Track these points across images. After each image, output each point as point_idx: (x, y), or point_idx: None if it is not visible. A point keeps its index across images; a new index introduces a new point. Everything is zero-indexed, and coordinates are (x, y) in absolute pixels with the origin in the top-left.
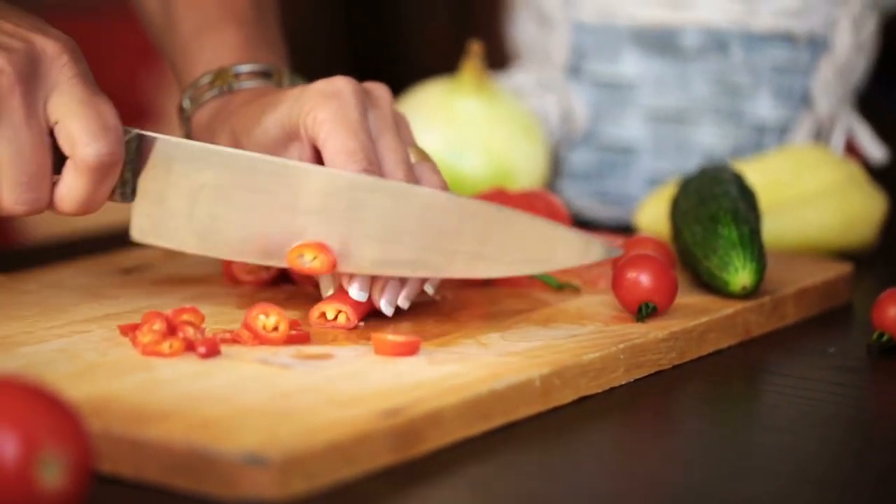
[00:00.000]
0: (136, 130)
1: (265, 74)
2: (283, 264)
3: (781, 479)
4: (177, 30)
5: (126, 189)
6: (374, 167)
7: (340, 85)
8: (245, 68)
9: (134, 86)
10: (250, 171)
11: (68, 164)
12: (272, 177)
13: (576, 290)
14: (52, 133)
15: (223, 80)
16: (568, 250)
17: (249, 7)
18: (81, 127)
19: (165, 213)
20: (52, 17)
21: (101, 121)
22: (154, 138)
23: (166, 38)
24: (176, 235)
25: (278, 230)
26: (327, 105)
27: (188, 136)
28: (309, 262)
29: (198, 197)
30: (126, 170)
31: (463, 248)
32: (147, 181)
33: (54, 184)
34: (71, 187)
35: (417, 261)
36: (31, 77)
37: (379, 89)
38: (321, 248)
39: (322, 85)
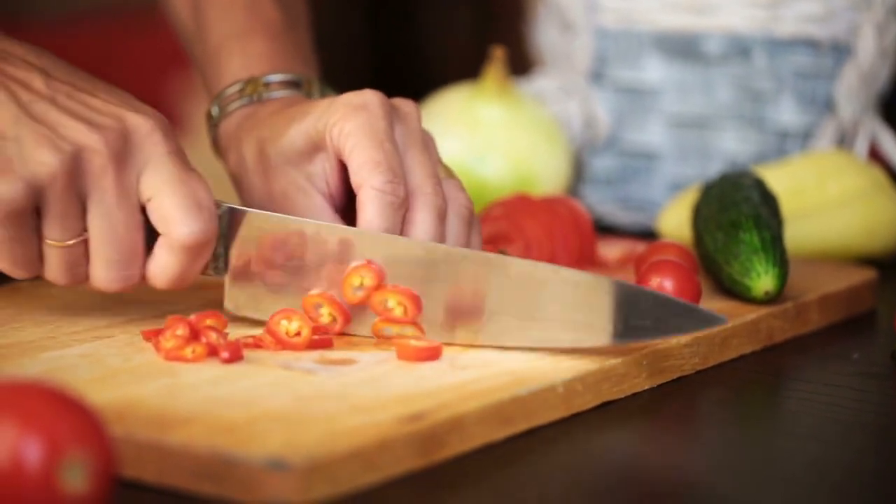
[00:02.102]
0: (227, 204)
1: (295, 84)
2: (370, 333)
3: (804, 486)
4: (207, 37)
5: (219, 263)
6: (398, 179)
7: (368, 97)
8: (275, 78)
9: (159, 93)
10: (329, 242)
11: (161, 241)
12: (358, 247)
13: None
14: (143, 210)
15: (253, 89)
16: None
17: (280, 16)
18: (175, 206)
19: (259, 286)
20: (76, 24)
21: (195, 199)
22: (245, 212)
23: (196, 46)
24: (271, 308)
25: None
26: (354, 117)
27: (214, 143)
28: (360, 291)
29: (289, 269)
30: (219, 244)
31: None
32: (238, 254)
33: (146, 258)
34: (164, 265)
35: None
36: (123, 155)
37: (407, 105)
38: (368, 266)
39: (350, 97)
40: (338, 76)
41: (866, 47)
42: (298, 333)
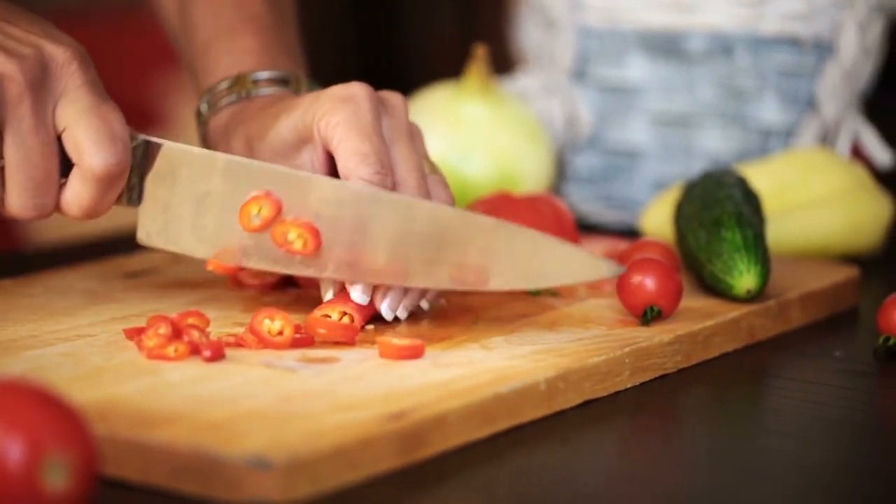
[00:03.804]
0: (143, 136)
1: (283, 81)
2: (292, 272)
3: (787, 484)
4: (195, 35)
5: (133, 194)
6: (386, 171)
7: (356, 90)
8: (263, 75)
9: (141, 90)
10: (255, 180)
11: (75, 170)
12: (277, 185)
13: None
14: (59, 139)
15: (241, 86)
16: (574, 267)
17: (268, 13)
18: (89, 136)
19: (172, 218)
20: (61, 21)
21: (109, 129)
22: (160, 144)
23: (184, 43)
24: (182, 240)
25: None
26: (342, 109)
27: (204, 139)
28: (257, 217)
29: (203, 203)
30: (133, 175)
31: (468, 262)
32: (154, 186)
33: (61, 187)
34: (77, 194)
35: (422, 272)
36: (40, 84)
37: (394, 98)
38: (267, 196)
39: (337, 90)
40: (321, 75)
41: (849, 45)
42: (281, 333)
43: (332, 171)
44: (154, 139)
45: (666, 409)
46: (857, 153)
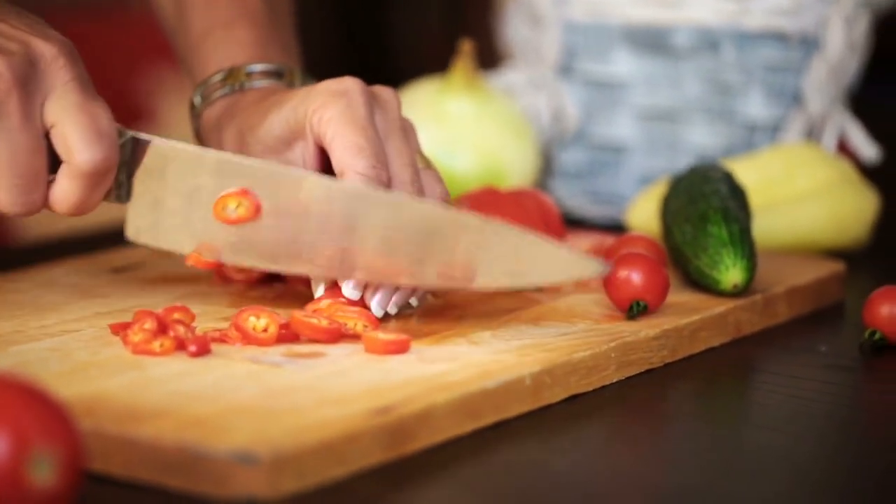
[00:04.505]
0: (131, 133)
1: (277, 74)
2: (278, 269)
3: (773, 478)
4: (189, 28)
5: (121, 191)
6: (381, 164)
7: (349, 85)
8: (257, 67)
9: (130, 87)
10: (244, 177)
11: (63, 167)
12: (266, 182)
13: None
14: (47, 135)
15: (235, 78)
16: (561, 265)
17: (263, 8)
18: (76, 132)
19: (160, 215)
20: (49, 17)
21: (96, 126)
22: (148, 141)
23: (179, 36)
24: (171, 237)
25: (272, 235)
26: (335, 104)
27: (197, 132)
28: (234, 212)
29: (192, 199)
30: (121, 171)
31: (456, 260)
32: (142, 183)
33: (49, 183)
34: (65, 190)
35: (411, 271)
36: (27, 80)
37: (387, 93)
38: (244, 194)
39: (330, 84)
40: (308, 70)
41: (834, 40)
42: (265, 330)
43: (325, 166)
44: (142, 136)
45: (652, 404)
46: (843, 148)
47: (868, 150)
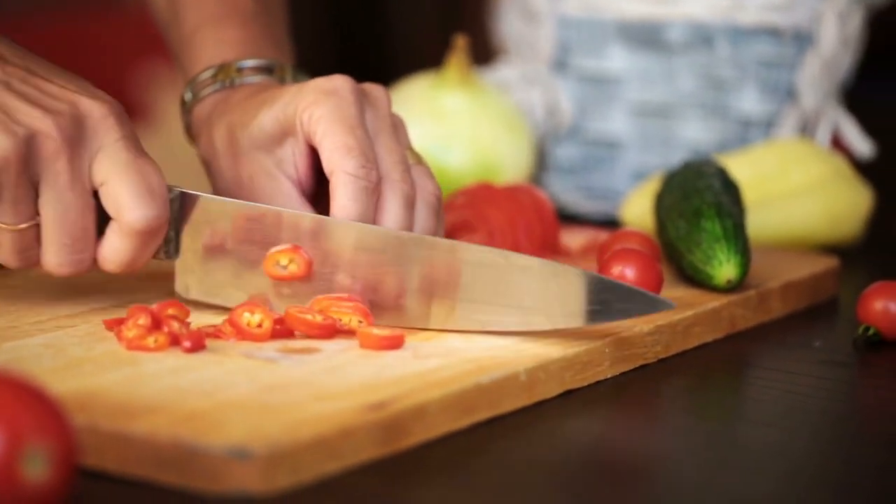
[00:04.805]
0: (179, 189)
1: (268, 70)
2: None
3: (767, 473)
4: (182, 23)
5: (170, 247)
6: (370, 164)
7: (339, 83)
8: (248, 63)
9: (125, 82)
10: (285, 228)
11: (113, 225)
12: (312, 234)
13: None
14: (96, 194)
15: (226, 74)
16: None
17: (255, 4)
18: (127, 191)
19: (210, 270)
20: (44, 13)
21: (147, 184)
22: (197, 196)
23: (172, 31)
24: (221, 291)
25: (323, 288)
26: (325, 102)
27: (188, 128)
28: (285, 270)
29: (242, 255)
30: (170, 228)
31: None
32: (190, 239)
33: (97, 242)
34: (116, 249)
35: (444, 315)
36: (76, 140)
37: (377, 90)
38: (295, 251)
39: (320, 82)
40: (302, 65)
41: (828, 36)
42: (260, 325)
43: (315, 163)
44: (190, 192)
45: (646, 399)
46: (837, 143)
47: (862, 145)
